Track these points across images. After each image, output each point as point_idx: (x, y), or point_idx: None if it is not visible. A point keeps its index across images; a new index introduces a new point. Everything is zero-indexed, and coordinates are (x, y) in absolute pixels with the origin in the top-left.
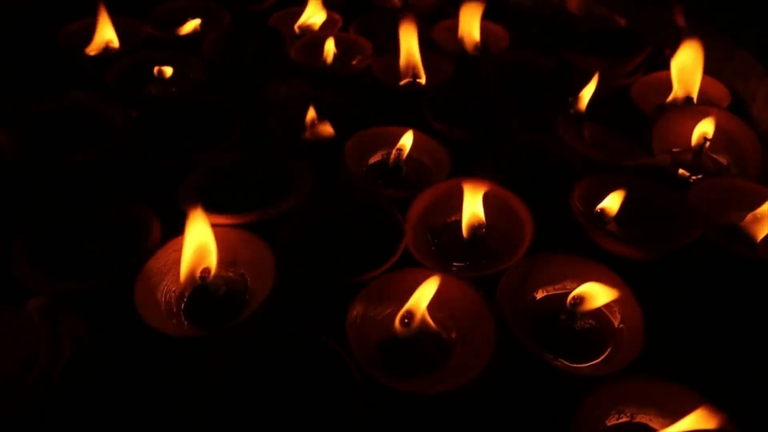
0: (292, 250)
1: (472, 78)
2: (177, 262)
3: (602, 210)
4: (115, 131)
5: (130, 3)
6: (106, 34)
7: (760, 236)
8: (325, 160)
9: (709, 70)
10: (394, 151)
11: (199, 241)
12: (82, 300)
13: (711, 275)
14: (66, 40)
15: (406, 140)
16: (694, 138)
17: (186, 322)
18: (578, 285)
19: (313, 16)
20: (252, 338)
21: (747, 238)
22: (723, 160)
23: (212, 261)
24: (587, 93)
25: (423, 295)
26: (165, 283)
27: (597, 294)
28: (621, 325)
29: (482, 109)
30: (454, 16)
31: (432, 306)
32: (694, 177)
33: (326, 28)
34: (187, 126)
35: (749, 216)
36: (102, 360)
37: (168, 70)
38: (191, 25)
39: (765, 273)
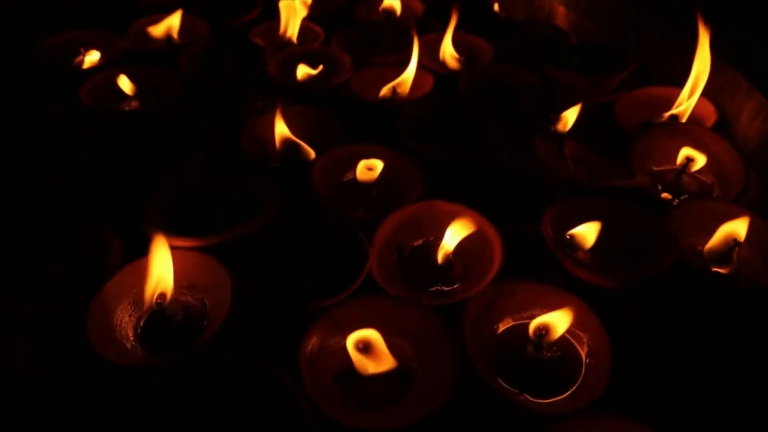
0: (253, 274)
1: (453, 93)
2: (135, 285)
3: (573, 237)
4: (84, 149)
5: (110, 17)
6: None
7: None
8: (296, 179)
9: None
10: (362, 169)
11: (159, 267)
12: (36, 322)
13: (688, 304)
14: (44, 53)
15: (376, 162)
16: (679, 159)
17: (140, 349)
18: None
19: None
20: (199, 368)
21: (726, 265)
22: (706, 181)
23: (168, 287)
24: (571, 116)
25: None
26: (122, 306)
27: (561, 321)
28: (589, 359)
29: (461, 126)
30: (438, 30)
31: (393, 334)
32: (675, 199)
33: (307, 42)
34: (159, 143)
35: (729, 241)
36: (48, 385)
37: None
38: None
39: (744, 302)
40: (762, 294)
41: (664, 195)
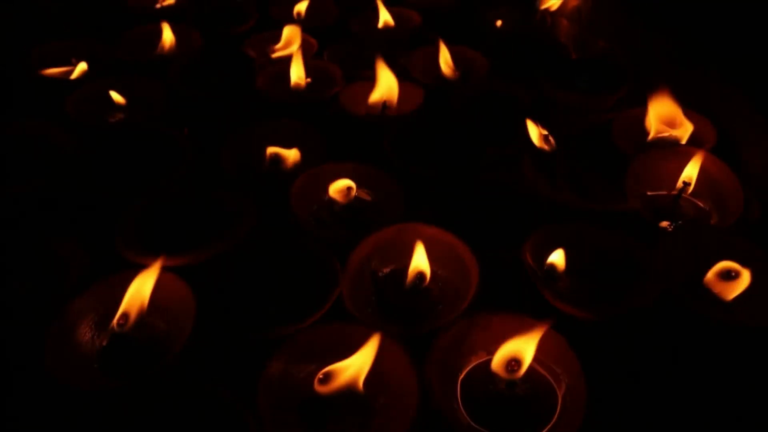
0: (220, 296)
1: (444, 108)
2: (102, 304)
3: (552, 265)
4: (59, 162)
5: (101, 26)
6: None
7: (732, 294)
8: (276, 196)
9: (697, 106)
10: (339, 190)
11: (140, 290)
12: None
13: (677, 340)
14: (32, 63)
15: (353, 183)
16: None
17: (99, 371)
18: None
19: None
20: (154, 395)
21: (719, 296)
22: (703, 206)
23: (139, 309)
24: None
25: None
26: (85, 326)
27: (527, 348)
28: (565, 397)
29: (450, 142)
30: (433, 43)
31: None
32: (670, 225)
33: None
34: (139, 156)
35: (721, 271)
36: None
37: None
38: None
39: (737, 337)
40: (759, 331)
41: (663, 223)
